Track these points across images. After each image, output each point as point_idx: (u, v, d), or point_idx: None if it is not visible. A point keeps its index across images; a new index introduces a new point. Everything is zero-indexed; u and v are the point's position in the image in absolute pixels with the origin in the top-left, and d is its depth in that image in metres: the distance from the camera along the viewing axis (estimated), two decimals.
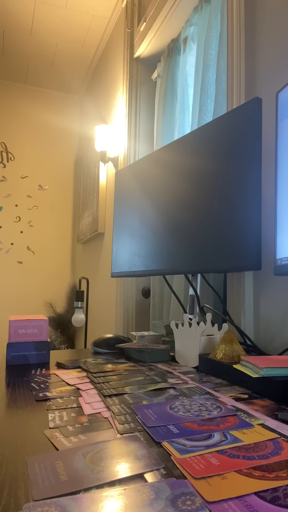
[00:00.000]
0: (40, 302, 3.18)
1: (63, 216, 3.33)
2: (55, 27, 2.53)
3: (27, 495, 0.32)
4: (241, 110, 0.86)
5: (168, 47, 1.76)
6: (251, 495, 0.31)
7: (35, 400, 0.58)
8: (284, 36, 0.93)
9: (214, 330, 0.87)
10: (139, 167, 1.27)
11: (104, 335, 1.04)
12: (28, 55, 2.86)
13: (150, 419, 0.48)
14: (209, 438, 0.42)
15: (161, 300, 1.68)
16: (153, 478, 0.34)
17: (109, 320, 2.26)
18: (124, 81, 2.07)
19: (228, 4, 1.11)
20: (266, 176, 0.97)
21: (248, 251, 0.80)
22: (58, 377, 0.73)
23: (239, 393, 0.61)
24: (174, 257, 1.04)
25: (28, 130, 3.27)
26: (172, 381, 0.68)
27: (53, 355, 0.96)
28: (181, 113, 1.59)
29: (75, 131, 3.42)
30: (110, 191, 2.37)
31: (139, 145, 1.98)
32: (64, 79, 3.19)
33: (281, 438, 0.43)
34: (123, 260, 1.31)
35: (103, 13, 2.40)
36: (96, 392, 0.62)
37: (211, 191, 0.93)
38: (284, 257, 0.71)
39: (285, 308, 0.90)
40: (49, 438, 0.43)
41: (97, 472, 0.35)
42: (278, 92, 0.77)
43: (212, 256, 0.90)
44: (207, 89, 1.33)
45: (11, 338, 0.84)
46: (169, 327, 1.15)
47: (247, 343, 0.92)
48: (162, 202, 1.12)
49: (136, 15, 2.02)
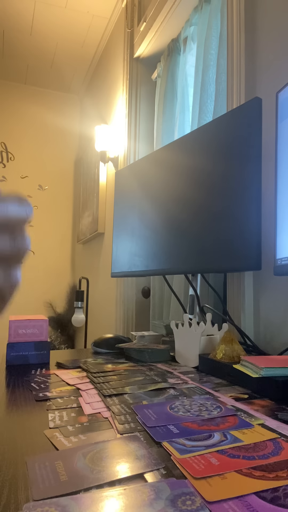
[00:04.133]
0: (40, 302, 3.18)
1: (63, 216, 3.33)
2: (55, 27, 2.53)
3: (27, 495, 0.32)
4: (241, 110, 0.86)
5: (168, 47, 1.76)
6: (251, 495, 0.31)
7: (35, 400, 0.58)
8: (284, 36, 0.93)
9: (214, 330, 0.87)
10: (139, 167, 1.27)
11: (104, 335, 1.04)
12: (28, 55, 2.86)
13: (150, 419, 0.48)
14: (209, 438, 0.42)
15: (161, 300, 1.68)
16: (153, 478, 0.34)
17: (109, 320, 2.26)
18: (124, 81, 2.07)
19: (228, 4, 1.11)
20: (266, 176, 0.97)
21: (248, 251, 0.80)
22: (58, 377, 0.73)
23: (239, 393, 0.61)
24: (174, 257, 1.04)
25: (28, 130, 3.27)
26: (172, 381, 0.68)
27: (53, 355, 0.96)
28: (181, 113, 1.59)
29: (75, 131, 3.42)
30: (110, 191, 2.37)
31: (139, 145, 1.97)
32: (64, 79, 3.19)
33: (281, 438, 0.43)
34: (123, 260, 1.31)
35: (103, 13, 2.40)
36: (96, 392, 0.62)
37: (211, 191, 0.93)
38: (284, 257, 0.71)
39: (285, 308, 0.90)
40: (49, 438, 0.43)
41: (97, 472, 0.35)
42: (278, 92, 0.77)
43: (212, 256, 0.90)
44: (207, 89, 1.33)
45: (11, 338, 0.84)
46: (169, 327, 1.15)
47: (247, 343, 0.92)
48: (162, 202, 1.12)
49: (136, 15, 2.02)
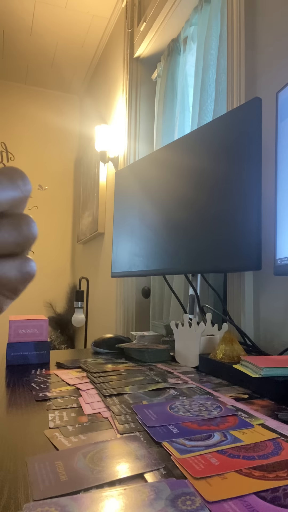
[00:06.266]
0: (40, 302, 3.18)
1: (63, 216, 3.33)
2: (55, 27, 2.53)
3: (27, 495, 0.32)
4: (241, 110, 0.86)
5: (168, 47, 1.76)
6: (251, 495, 0.31)
7: (35, 400, 0.58)
8: (284, 36, 0.93)
9: (214, 330, 0.87)
10: (139, 167, 1.27)
11: (104, 335, 1.04)
12: (28, 55, 2.86)
13: (150, 419, 0.48)
14: (209, 438, 0.42)
15: (161, 300, 1.68)
16: (153, 478, 0.34)
17: (109, 320, 2.26)
18: (124, 81, 2.07)
19: (228, 4, 1.11)
20: (266, 176, 0.97)
21: (248, 251, 0.80)
22: (58, 377, 0.73)
23: (239, 393, 0.61)
24: (174, 257, 1.04)
25: (28, 130, 3.27)
26: (172, 381, 0.68)
27: (53, 355, 0.96)
28: (181, 113, 1.59)
29: (75, 131, 3.42)
30: (110, 191, 2.36)
31: (139, 145, 1.97)
32: (64, 79, 3.19)
33: (281, 438, 0.43)
34: (123, 260, 1.31)
35: (103, 13, 2.40)
36: (96, 392, 0.62)
37: (211, 191, 0.93)
38: (284, 257, 0.71)
39: (285, 308, 0.90)
40: (49, 438, 0.43)
41: (97, 472, 0.35)
42: (278, 92, 0.77)
43: (212, 256, 0.90)
44: (207, 89, 1.33)
45: (11, 338, 0.84)
46: (169, 327, 1.15)
47: (247, 343, 0.92)
48: (162, 202, 1.12)
49: (136, 15, 2.02)
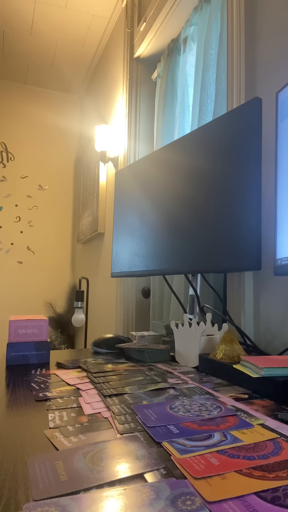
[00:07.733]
0: (40, 302, 3.18)
1: (63, 216, 3.33)
2: (55, 27, 2.53)
3: (27, 495, 0.32)
4: (241, 110, 0.86)
5: (168, 47, 1.76)
6: (251, 495, 0.31)
7: (35, 400, 0.58)
8: (284, 37, 0.93)
9: (214, 330, 0.87)
10: (139, 167, 1.27)
11: (104, 335, 1.04)
12: (28, 55, 2.86)
13: (150, 419, 0.48)
14: (209, 438, 0.42)
15: (161, 300, 1.68)
16: (153, 478, 0.34)
17: (109, 320, 2.26)
18: (124, 81, 2.07)
19: (228, 4, 1.11)
20: (266, 176, 0.97)
21: (248, 251, 0.80)
22: (58, 377, 0.73)
23: (239, 393, 0.61)
24: (174, 257, 1.04)
25: (28, 130, 3.27)
26: (172, 381, 0.68)
27: (53, 355, 0.96)
28: (181, 113, 1.59)
29: (75, 131, 3.42)
30: (110, 191, 2.36)
31: (139, 145, 1.97)
32: (64, 79, 3.19)
33: (281, 438, 0.43)
34: (123, 260, 1.31)
35: (103, 13, 2.40)
36: (96, 392, 0.62)
37: (211, 191, 0.93)
38: (284, 257, 0.71)
39: (285, 308, 0.90)
40: (49, 438, 0.43)
41: (97, 472, 0.35)
42: (278, 92, 0.77)
43: (212, 256, 0.90)
44: (207, 89, 1.33)
45: (11, 338, 0.84)
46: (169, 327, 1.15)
47: (247, 343, 0.92)
48: (162, 202, 1.12)
49: (136, 15, 2.02)
